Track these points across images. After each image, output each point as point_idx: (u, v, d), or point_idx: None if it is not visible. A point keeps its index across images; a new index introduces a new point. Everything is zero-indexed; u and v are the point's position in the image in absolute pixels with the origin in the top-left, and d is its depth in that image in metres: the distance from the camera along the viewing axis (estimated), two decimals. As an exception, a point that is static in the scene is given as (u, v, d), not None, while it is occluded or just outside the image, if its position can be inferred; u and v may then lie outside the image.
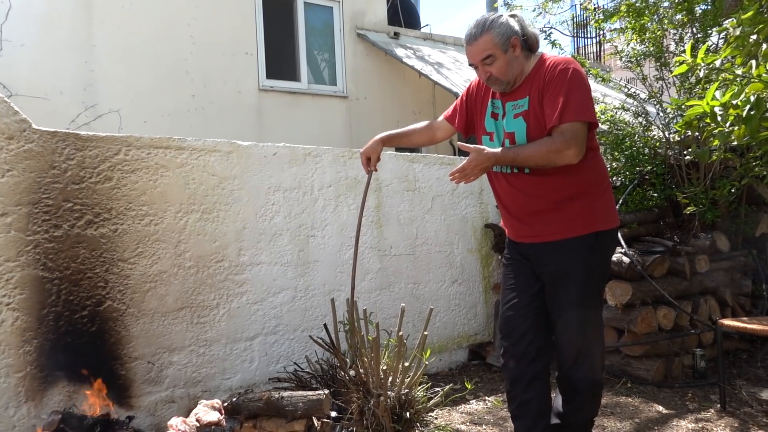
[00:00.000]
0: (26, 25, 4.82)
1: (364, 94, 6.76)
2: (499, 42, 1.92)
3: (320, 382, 2.74)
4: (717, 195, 3.55)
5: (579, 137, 1.83)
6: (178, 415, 2.54)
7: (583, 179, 1.95)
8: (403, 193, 3.59)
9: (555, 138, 1.84)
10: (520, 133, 1.96)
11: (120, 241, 2.58)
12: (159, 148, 2.72)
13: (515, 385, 2.07)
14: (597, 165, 2.01)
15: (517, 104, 1.99)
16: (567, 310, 1.98)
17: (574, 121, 1.82)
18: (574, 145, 1.81)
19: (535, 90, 1.93)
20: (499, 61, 1.94)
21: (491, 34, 1.92)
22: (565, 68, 1.89)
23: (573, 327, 1.99)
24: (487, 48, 1.93)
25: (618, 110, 4.23)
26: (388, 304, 3.48)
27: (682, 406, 2.95)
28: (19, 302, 2.33)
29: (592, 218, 1.96)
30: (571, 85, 1.86)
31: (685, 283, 3.49)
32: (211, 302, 2.84)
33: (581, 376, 2.02)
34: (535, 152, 1.86)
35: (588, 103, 1.87)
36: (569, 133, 1.82)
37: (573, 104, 1.83)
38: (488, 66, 1.95)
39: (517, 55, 1.96)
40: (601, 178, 2.02)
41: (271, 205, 3.07)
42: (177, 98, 5.54)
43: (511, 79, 1.98)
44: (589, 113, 1.86)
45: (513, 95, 2.02)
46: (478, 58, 1.96)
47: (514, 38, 1.94)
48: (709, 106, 1.69)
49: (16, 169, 2.35)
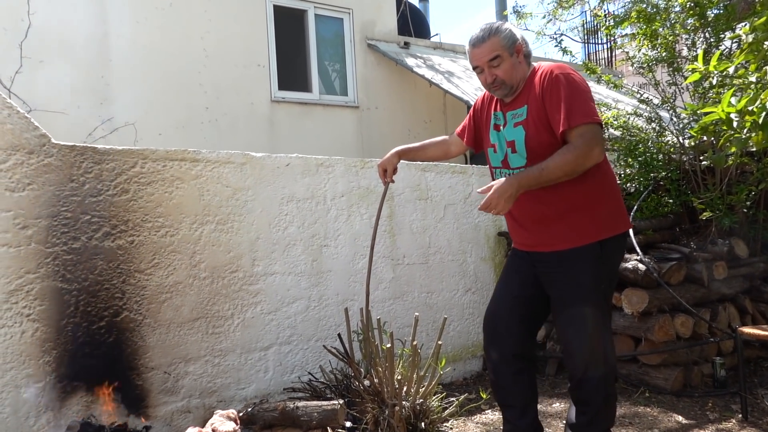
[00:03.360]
0: (45, 42, 4.93)
1: (375, 103, 6.80)
2: (506, 45, 1.98)
3: (335, 392, 2.74)
4: (734, 200, 3.50)
5: (598, 136, 1.86)
6: (194, 425, 2.55)
7: (590, 187, 1.96)
8: (416, 202, 3.60)
9: (576, 143, 1.85)
10: (519, 141, 2.00)
11: (136, 253, 2.61)
12: (174, 161, 2.75)
13: (500, 375, 2.13)
14: (603, 171, 2.01)
15: (516, 113, 2.03)
16: (575, 320, 1.98)
17: (585, 123, 1.84)
18: (596, 145, 1.84)
19: (533, 98, 1.97)
20: (506, 63, 1.98)
21: (499, 36, 1.98)
22: (560, 73, 1.92)
23: (581, 337, 1.98)
24: (495, 49, 1.97)
25: (631, 116, 4.21)
26: (402, 313, 3.47)
27: (702, 416, 2.90)
28: (39, 313, 2.36)
29: (599, 226, 1.96)
30: (571, 89, 1.89)
31: (703, 290, 3.44)
32: (225, 312, 2.86)
33: (592, 385, 2.01)
34: (562, 162, 1.85)
35: (591, 104, 1.90)
36: (588, 134, 1.84)
37: (578, 107, 1.86)
38: (495, 68, 1.99)
39: (521, 61, 2.01)
40: (607, 184, 2.02)
41: (284, 215, 3.09)
42: (191, 110, 5.62)
43: (516, 83, 2.02)
44: (595, 114, 1.88)
45: (513, 104, 2.06)
46: (486, 59, 1.99)
47: (519, 44, 2.00)
48: (724, 113, 1.68)
49: (36, 183, 2.40)
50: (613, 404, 2.10)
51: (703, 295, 3.44)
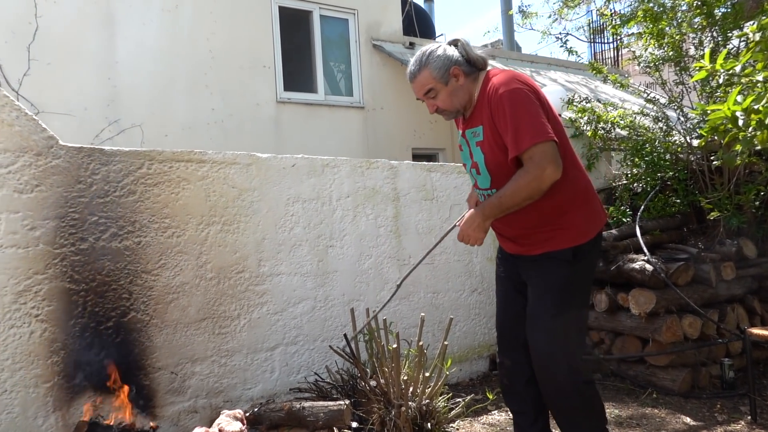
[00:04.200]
0: (52, 45, 4.97)
1: (380, 104, 6.80)
2: (438, 75, 1.94)
3: (341, 393, 2.74)
4: (742, 200, 3.48)
5: (549, 155, 1.78)
6: (200, 425, 2.56)
7: (560, 199, 1.91)
8: (421, 202, 3.59)
9: (527, 166, 1.81)
10: (480, 163, 1.97)
11: (143, 253, 2.63)
12: (181, 162, 2.77)
13: (513, 381, 2.12)
14: (570, 180, 1.93)
15: (475, 131, 1.99)
16: (536, 320, 1.96)
17: (534, 144, 1.77)
18: (547, 164, 1.77)
19: (486, 117, 1.91)
20: (441, 93, 1.96)
21: (429, 69, 1.94)
22: (505, 92, 1.83)
23: (538, 335, 1.95)
24: (427, 83, 1.95)
25: (637, 115, 4.19)
26: (408, 313, 3.47)
27: (710, 418, 2.88)
28: (47, 314, 2.38)
29: (572, 234, 1.94)
30: (515, 108, 1.81)
31: (711, 291, 3.42)
32: (232, 313, 2.87)
33: (554, 388, 1.95)
34: (516, 189, 1.83)
35: (539, 120, 1.80)
36: (537, 155, 1.78)
37: (525, 129, 1.79)
38: (432, 99, 1.98)
39: (461, 84, 1.95)
40: (578, 192, 1.97)
41: (290, 216, 3.09)
42: (197, 111, 5.64)
43: (459, 107, 1.99)
44: (543, 133, 1.79)
45: (470, 122, 2.01)
46: (421, 94, 1.99)
47: (454, 68, 1.94)
48: (730, 111, 1.66)
49: (44, 185, 2.41)
50: (589, 413, 1.98)
51: (711, 295, 3.42)
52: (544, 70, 8.14)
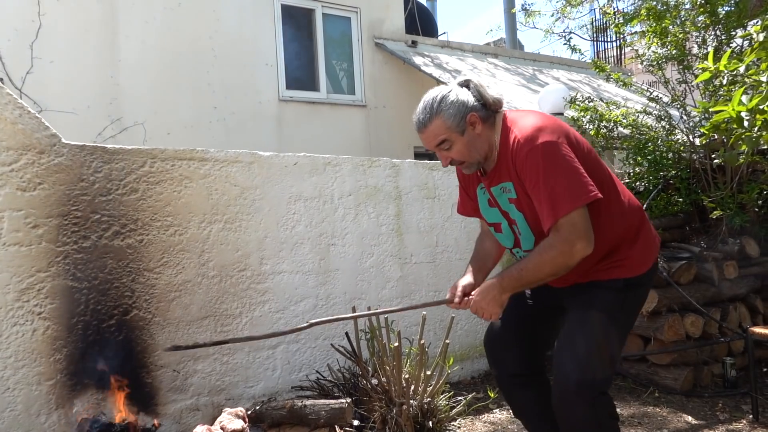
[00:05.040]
0: (55, 43, 4.98)
1: (382, 102, 6.80)
2: (453, 124, 1.67)
3: (342, 391, 2.74)
4: (745, 199, 3.47)
5: (579, 227, 1.57)
6: (202, 422, 2.56)
7: (609, 240, 1.72)
8: (423, 200, 3.59)
9: (553, 240, 1.60)
10: (521, 222, 1.74)
11: (146, 251, 2.63)
12: (183, 160, 2.77)
13: (505, 391, 2.02)
14: (618, 218, 1.73)
15: (504, 187, 1.74)
16: (571, 340, 1.72)
17: (571, 212, 1.56)
18: (577, 239, 1.57)
19: (514, 174, 1.68)
20: (457, 144, 1.69)
21: (441, 117, 1.67)
22: (531, 150, 1.60)
23: (569, 358, 1.68)
24: (440, 133, 1.68)
25: (640, 114, 4.18)
26: (409, 312, 3.47)
27: (712, 417, 2.87)
28: (49, 311, 2.39)
29: (626, 268, 1.74)
30: (549, 170, 1.58)
31: (714, 290, 3.42)
32: (234, 311, 2.87)
33: (572, 404, 1.67)
34: (540, 264, 1.63)
35: (575, 181, 1.57)
36: (565, 229, 1.57)
37: (562, 193, 1.56)
38: (446, 151, 1.71)
39: (479, 132, 1.69)
40: (628, 227, 1.76)
41: (292, 214, 3.10)
42: (199, 110, 5.65)
43: (479, 158, 1.73)
44: (582, 194, 1.57)
45: (495, 177, 1.76)
46: (432, 145, 1.72)
47: (471, 115, 1.67)
48: (735, 112, 1.66)
49: (47, 183, 2.42)
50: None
51: (714, 294, 3.41)
52: (546, 69, 8.13)
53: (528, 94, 6.54)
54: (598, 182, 1.65)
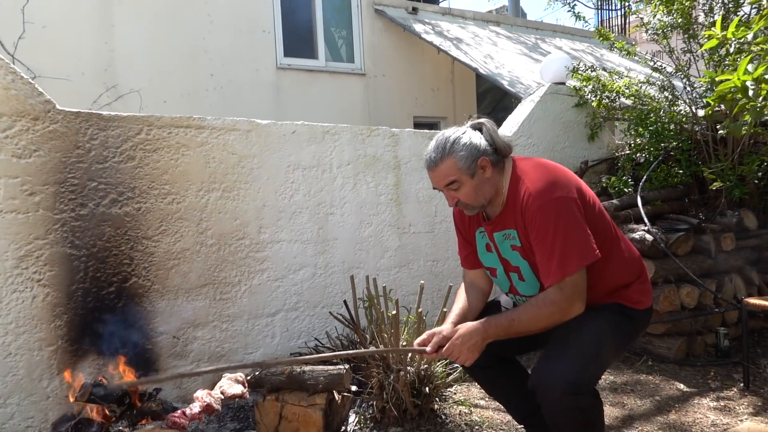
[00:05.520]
0: (47, 7, 4.86)
1: (382, 71, 6.70)
2: (464, 166, 1.68)
3: (340, 357, 2.78)
4: (745, 171, 3.46)
5: (580, 287, 1.61)
6: (203, 387, 2.61)
7: (607, 287, 1.73)
8: (422, 170, 3.57)
9: (554, 297, 1.61)
10: (525, 270, 1.74)
11: (144, 220, 2.63)
12: (180, 128, 2.74)
13: (476, 377, 1.99)
14: (617, 269, 1.74)
15: (508, 234, 1.75)
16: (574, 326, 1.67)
17: (577, 271, 1.59)
18: (577, 299, 1.61)
19: (521, 223, 1.69)
20: (466, 186, 1.70)
21: (453, 158, 1.68)
22: (544, 204, 1.61)
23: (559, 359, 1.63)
24: (450, 174, 1.69)
25: (643, 84, 4.13)
26: (407, 281, 3.49)
27: (703, 385, 2.93)
28: (48, 279, 2.40)
29: (620, 298, 1.76)
30: (560, 226, 1.59)
31: (710, 262, 3.43)
32: (232, 279, 2.89)
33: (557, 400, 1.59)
34: (536, 318, 1.63)
35: (584, 240, 1.59)
36: (569, 288, 1.59)
37: (571, 251, 1.58)
38: (454, 191, 1.73)
39: (488, 176, 1.71)
40: (626, 276, 1.77)
41: (290, 183, 3.08)
42: (196, 77, 5.56)
43: (484, 202, 1.74)
44: (589, 253, 1.59)
45: (499, 224, 1.77)
46: (441, 185, 1.73)
47: (482, 159, 1.68)
48: (740, 81, 1.63)
49: (42, 150, 2.40)
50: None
51: (710, 266, 3.43)
52: (549, 38, 7.99)
53: (530, 63, 6.44)
54: (602, 234, 1.69)
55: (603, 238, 1.70)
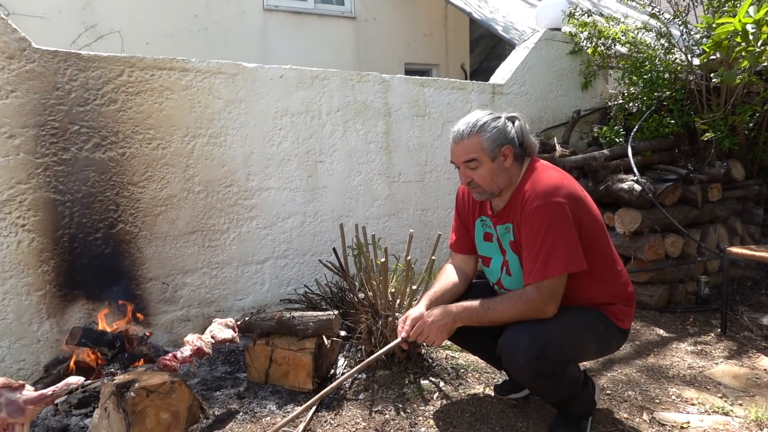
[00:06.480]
0: (17, -62, 4.57)
1: (373, 14, 6.47)
2: (488, 147, 1.72)
3: (330, 304, 2.82)
4: (737, 120, 3.44)
5: (557, 292, 1.66)
6: (193, 332, 2.64)
7: (594, 298, 1.77)
8: (413, 118, 3.52)
9: (530, 295, 1.66)
10: (514, 265, 1.79)
11: (128, 165, 2.58)
12: (163, 70, 2.64)
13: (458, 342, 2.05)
14: (605, 285, 1.77)
15: (507, 228, 1.79)
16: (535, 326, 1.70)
17: (558, 275, 1.63)
18: (552, 302, 1.66)
19: (518, 218, 1.74)
20: (483, 168, 1.74)
21: (481, 136, 1.72)
22: (542, 206, 1.64)
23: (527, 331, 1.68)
24: (473, 151, 1.73)
25: (639, 31, 4.03)
26: (397, 230, 3.50)
27: (682, 330, 3.02)
28: (33, 224, 2.37)
29: (601, 308, 1.79)
30: (551, 230, 1.63)
31: (696, 212, 3.47)
32: (221, 226, 2.87)
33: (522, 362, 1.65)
34: (510, 310, 1.68)
35: (572, 248, 1.64)
36: (546, 290, 1.64)
37: (557, 256, 1.62)
38: (471, 170, 1.75)
39: (507, 166, 1.75)
40: (613, 295, 1.79)
41: (278, 129, 3.02)
42: (179, 18, 5.34)
43: (495, 190, 1.77)
44: (573, 262, 1.63)
45: (502, 216, 1.82)
46: (461, 160, 1.76)
47: (507, 147, 1.73)
48: (741, 24, 1.59)
49: (20, 90, 2.31)
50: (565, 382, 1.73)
51: (696, 216, 3.47)
52: (546, -19, 7.71)
53: (525, 7, 6.24)
54: (597, 250, 1.73)
55: (597, 254, 1.73)
